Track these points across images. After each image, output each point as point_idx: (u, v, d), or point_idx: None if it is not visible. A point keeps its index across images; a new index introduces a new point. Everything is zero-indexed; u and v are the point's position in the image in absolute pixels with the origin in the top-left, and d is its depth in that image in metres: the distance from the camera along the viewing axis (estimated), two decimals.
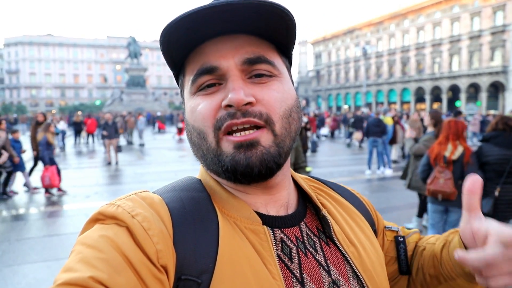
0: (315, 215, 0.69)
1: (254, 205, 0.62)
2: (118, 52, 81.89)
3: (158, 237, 0.50)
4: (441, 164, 3.80)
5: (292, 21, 0.58)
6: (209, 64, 0.58)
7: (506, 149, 3.60)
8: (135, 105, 40.71)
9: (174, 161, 13.27)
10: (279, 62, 0.62)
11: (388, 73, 56.66)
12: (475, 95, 44.91)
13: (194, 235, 0.53)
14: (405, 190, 5.85)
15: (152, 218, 0.52)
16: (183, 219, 0.55)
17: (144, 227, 0.50)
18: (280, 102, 0.58)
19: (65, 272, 0.45)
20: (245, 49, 0.58)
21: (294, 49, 0.67)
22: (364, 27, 60.66)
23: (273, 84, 0.59)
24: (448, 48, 47.19)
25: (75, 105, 66.55)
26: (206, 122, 0.57)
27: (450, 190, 3.73)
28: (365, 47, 40.38)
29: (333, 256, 0.63)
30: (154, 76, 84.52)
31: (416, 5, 50.57)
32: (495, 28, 41.46)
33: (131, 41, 45.38)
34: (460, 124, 3.89)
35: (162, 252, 0.49)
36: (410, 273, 0.79)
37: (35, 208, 7.00)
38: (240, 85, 0.56)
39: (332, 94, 69.38)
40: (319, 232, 0.66)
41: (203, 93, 0.59)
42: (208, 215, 0.57)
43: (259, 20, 0.56)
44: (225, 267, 0.52)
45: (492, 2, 41.87)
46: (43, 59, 78.08)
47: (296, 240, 0.61)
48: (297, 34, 0.62)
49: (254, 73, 0.58)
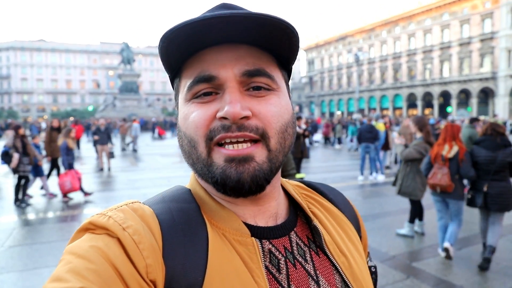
0: (306, 224, 0.68)
1: (242, 216, 0.61)
2: (111, 58, 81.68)
3: (148, 251, 0.50)
4: (440, 161, 4.48)
5: (296, 38, 0.57)
6: (208, 72, 0.56)
7: (492, 151, 4.28)
8: (128, 111, 40.59)
9: (167, 167, 13.23)
10: (278, 76, 0.61)
11: (380, 79, 57.24)
12: (466, 101, 45.52)
13: (183, 248, 0.53)
14: (397, 196, 5.92)
15: (143, 231, 0.51)
16: (172, 232, 0.54)
17: (135, 240, 0.49)
18: (277, 117, 0.57)
19: (55, 281, 0.44)
20: (245, 60, 0.57)
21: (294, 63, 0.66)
22: (356, 33, 61.33)
23: (271, 99, 0.58)
24: (438, 54, 47.87)
25: (68, 111, 66.12)
26: (199, 131, 0.56)
27: (446, 183, 4.39)
28: (358, 54, 40.74)
29: (323, 266, 0.63)
30: (147, 82, 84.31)
31: (407, 12, 51.31)
32: (484, 35, 42.21)
33: (124, 47, 45.38)
34: (456, 128, 4.57)
35: (152, 267, 0.49)
36: None
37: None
38: (237, 98, 0.55)
39: (325, 100, 69.81)
40: (310, 241, 0.65)
41: (198, 101, 0.58)
42: (197, 228, 0.56)
43: (262, 32, 0.55)
44: (214, 280, 0.51)
45: (481, 10, 42.65)
46: (35, 64, 77.52)
47: (284, 250, 0.61)
48: (299, 50, 0.62)
49: (252, 85, 0.57)
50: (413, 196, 5.35)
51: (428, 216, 6.10)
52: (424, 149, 5.20)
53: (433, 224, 5.98)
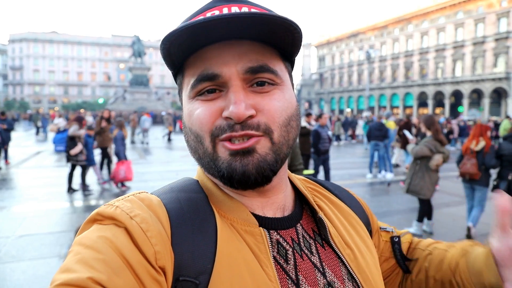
0: (311, 217, 0.69)
1: (250, 207, 0.62)
2: (122, 51, 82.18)
3: (156, 239, 0.50)
4: (469, 153, 5.26)
5: (299, 33, 0.57)
6: (211, 71, 0.57)
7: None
8: (137, 104, 40.75)
9: (176, 160, 13.30)
10: (281, 69, 0.62)
11: (391, 77, 56.64)
12: (478, 101, 44.85)
13: (192, 236, 0.54)
14: (406, 194, 5.87)
15: (151, 220, 0.52)
16: (181, 220, 0.55)
17: (143, 228, 0.50)
18: (281, 112, 0.58)
19: (64, 272, 0.45)
20: (248, 57, 0.57)
21: (297, 56, 0.67)
22: (368, 31, 60.69)
23: (275, 93, 0.58)
24: (451, 53, 47.16)
25: (78, 103, 66.79)
26: (204, 127, 0.57)
27: (474, 172, 5.15)
28: (369, 51, 40.31)
29: (328, 259, 0.63)
30: (158, 75, 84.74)
31: (420, 10, 50.59)
32: (499, 35, 41.42)
33: (136, 40, 45.48)
34: (484, 127, 5.37)
35: (160, 254, 0.49)
36: (409, 272, 0.82)
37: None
38: (241, 97, 0.55)
39: (335, 97, 69.38)
40: (315, 234, 0.66)
41: (202, 98, 0.58)
42: (205, 217, 0.57)
43: (264, 30, 0.55)
44: (223, 268, 0.52)
45: (497, 8, 41.83)
46: (47, 56, 78.42)
47: (292, 242, 0.61)
48: (302, 44, 0.62)
49: (256, 81, 0.58)
50: (421, 195, 5.31)
51: (437, 216, 6.04)
52: (434, 146, 5.22)
53: (441, 224, 5.92)
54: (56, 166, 11.82)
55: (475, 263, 0.69)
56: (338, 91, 67.81)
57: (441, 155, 5.18)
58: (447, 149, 5.40)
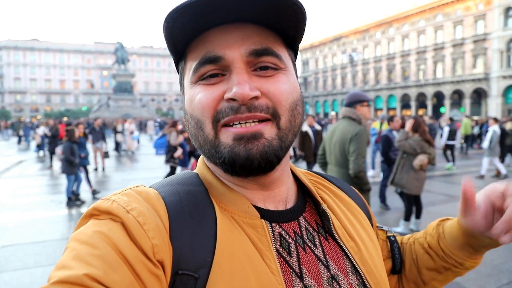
0: (314, 210, 0.68)
1: (252, 199, 0.61)
2: (105, 58, 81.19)
3: (154, 232, 0.49)
4: None
5: (303, 14, 0.55)
6: (214, 53, 0.55)
7: None
8: (122, 111, 40.32)
9: (162, 167, 13.15)
10: (285, 55, 0.60)
11: (375, 80, 57.45)
12: (459, 101, 45.81)
13: (191, 229, 0.52)
14: (394, 194, 5.92)
15: (148, 213, 0.51)
16: (180, 213, 0.53)
17: (140, 222, 0.49)
18: (287, 95, 0.57)
19: (59, 269, 0.44)
20: (252, 39, 0.55)
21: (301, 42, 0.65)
22: (350, 34, 61.49)
23: (279, 77, 0.57)
24: (432, 55, 48.15)
25: (61, 111, 65.63)
26: (206, 113, 0.55)
27: None
28: (352, 55, 40.90)
29: (332, 251, 0.62)
30: (142, 82, 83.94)
31: (401, 13, 51.55)
32: (476, 37, 42.51)
33: (119, 47, 45.13)
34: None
35: (158, 247, 0.48)
36: (401, 272, 0.81)
37: None
38: (245, 78, 0.54)
39: (319, 101, 69.95)
40: (318, 226, 0.65)
41: (204, 82, 0.57)
42: (205, 209, 0.56)
43: (269, 11, 0.53)
44: (224, 261, 0.51)
45: (474, 11, 42.97)
46: (28, 64, 76.81)
47: (294, 234, 0.60)
48: (306, 28, 0.60)
49: (259, 65, 0.56)
50: (406, 189, 5.36)
51: (423, 215, 6.10)
52: (419, 147, 5.23)
53: (428, 223, 5.96)
54: (39, 175, 11.56)
55: (452, 231, 0.73)
56: (322, 94, 68.39)
57: (426, 155, 5.18)
58: (433, 150, 5.36)
